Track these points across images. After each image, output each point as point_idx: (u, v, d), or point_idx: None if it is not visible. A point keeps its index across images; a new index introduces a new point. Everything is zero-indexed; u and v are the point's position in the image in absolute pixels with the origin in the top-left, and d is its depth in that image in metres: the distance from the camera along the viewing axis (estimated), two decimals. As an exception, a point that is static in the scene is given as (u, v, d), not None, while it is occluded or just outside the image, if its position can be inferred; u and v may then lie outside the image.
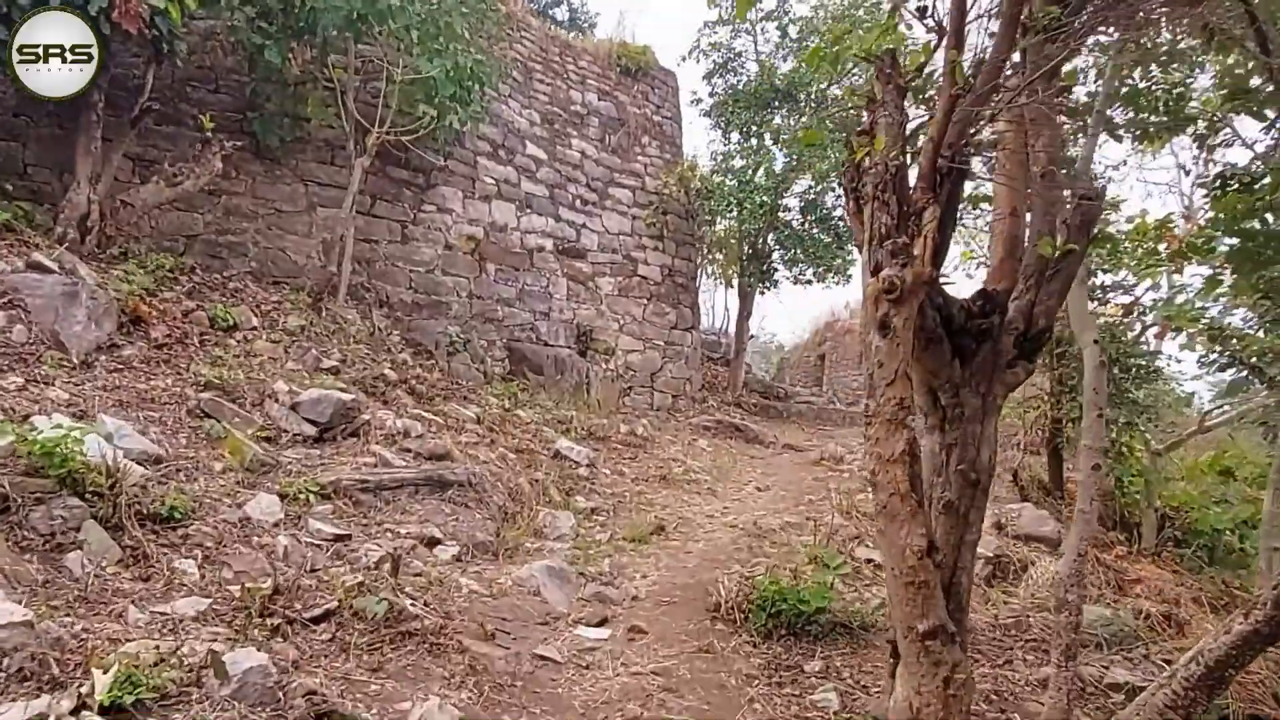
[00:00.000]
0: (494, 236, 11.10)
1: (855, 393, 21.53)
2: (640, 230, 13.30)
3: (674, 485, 7.73)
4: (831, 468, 9.47)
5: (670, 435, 10.72)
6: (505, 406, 8.62)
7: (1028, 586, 6.25)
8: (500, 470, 6.36)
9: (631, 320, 13.03)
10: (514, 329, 11.23)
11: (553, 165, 12.08)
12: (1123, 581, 7.48)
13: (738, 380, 15.07)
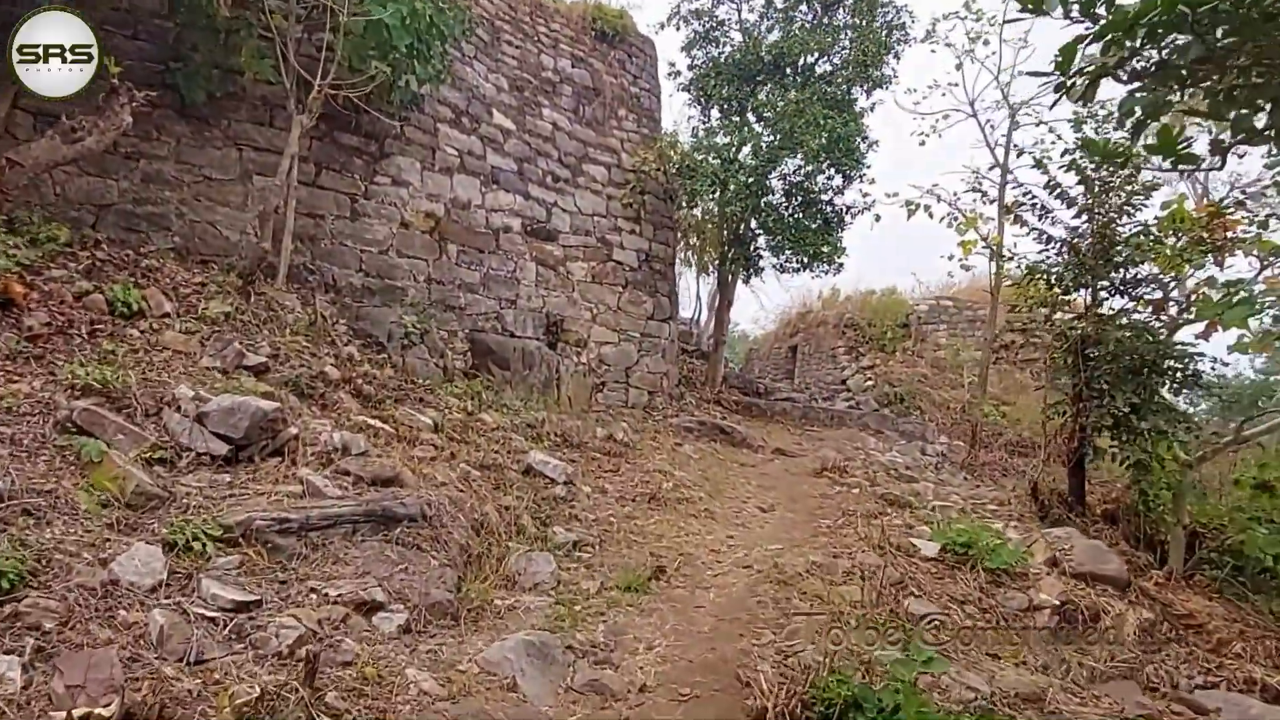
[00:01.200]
0: (456, 214, 9.73)
1: (830, 387, 20.56)
2: (616, 211, 12.00)
3: (665, 506, 6.50)
4: (836, 480, 8.31)
5: (651, 439, 9.48)
6: (468, 409, 7.30)
7: (1104, 645, 5.15)
8: (462, 495, 5.07)
9: (605, 309, 11.75)
10: (477, 318, 9.90)
11: (521, 137, 10.73)
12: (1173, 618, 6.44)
13: (717, 375, 13.88)
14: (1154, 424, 8.72)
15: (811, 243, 12.81)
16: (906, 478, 9.36)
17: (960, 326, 20.13)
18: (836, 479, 8.32)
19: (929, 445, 12.81)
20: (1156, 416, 8.60)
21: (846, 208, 13.50)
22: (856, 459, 9.97)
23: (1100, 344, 8.73)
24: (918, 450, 12.10)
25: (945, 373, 19.42)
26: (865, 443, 11.40)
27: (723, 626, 4.27)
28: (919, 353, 19.93)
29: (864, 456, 10.25)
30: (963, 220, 12.14)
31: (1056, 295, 9.35)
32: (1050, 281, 9.38)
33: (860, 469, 9.20)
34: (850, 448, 10.94)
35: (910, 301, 21.14)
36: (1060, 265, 9.27)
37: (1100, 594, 5.54)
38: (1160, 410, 8.57)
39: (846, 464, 9.04)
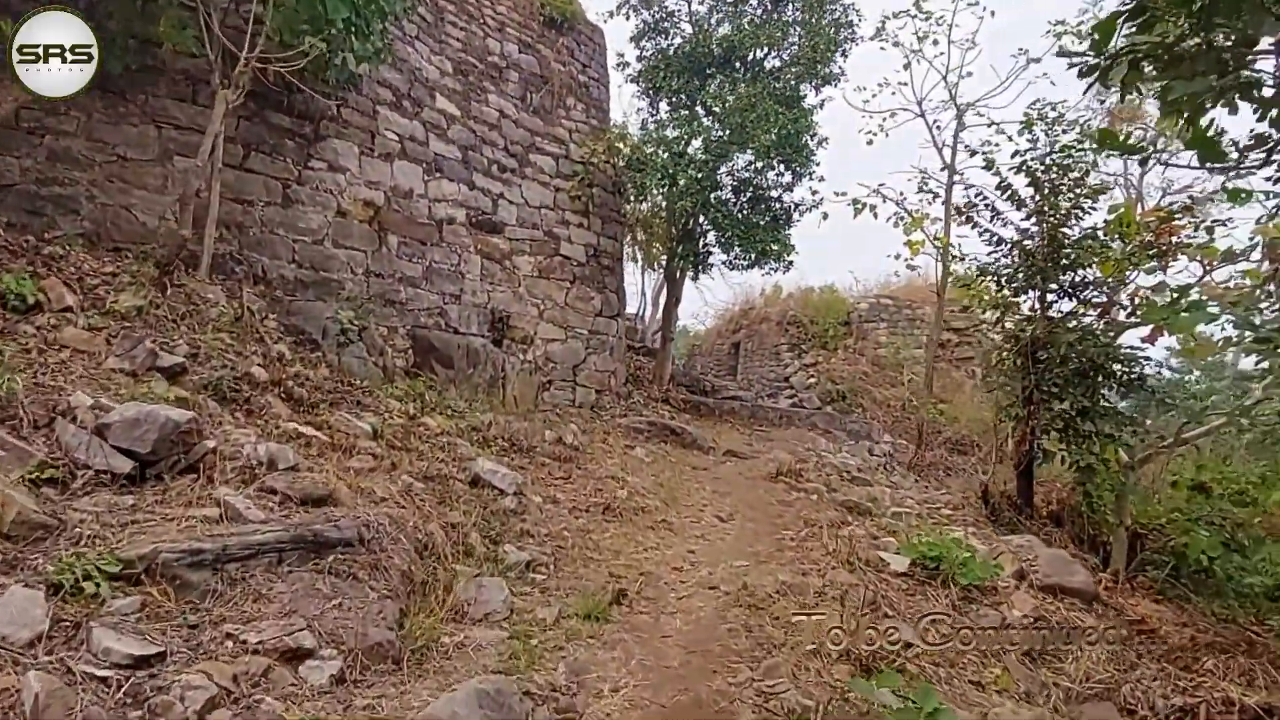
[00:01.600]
0: (397, 203, 9.11)
1: (773, 385, 20.38)
2: (564, 204, 11.48)
3: (621, 517, 6.05)
4: (793, 485, 7.97)
5: (601, 442, 9.02)
6: (410, 412, 6.73)
7: (1077, 661, 4.88)
8: (404, 512, 4.54)
9: (552, 305, 11.23)
10: (419, 314, 9.30)
11: (466, 124, 10.13)
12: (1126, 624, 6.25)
13: (665, 374, 13.47)
14: (1101, 427, 8.62)
15: (761, 239, 12.48)
16: (860, 480, 9.09)
17: (900, 325, 20.14)
18: (793, 484, 7.98)
19: (875, 445, 12.64)
20: (1104, 420, 8.49)
21: (795, 205, 13.22)
22: (809, 461, 9.67)
23: (1051, 346, 8.58)
24: (865, 450, 11.90)
25: (885, 371, 19.42)
26: (815, 443, 11.13)
27: (694, 660, 3.85)
28: (860, 351, 19.89)
29: (816, 458, 9.96)
30: (909, 220, 11.98)
31: (1006, 297, 9.18)
32: (1001, 283, 9.21)
33: (815, 472, 8.89)
34: (802, 449, 10.65)
35: (851, 300, 21.11)
36: (1011, 267, 9.10)
37: (1070, 608, 5.30)
38: (1108, 414, 8.46)
39: (801, 467, 8.72)
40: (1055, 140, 8.82)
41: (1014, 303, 9.07)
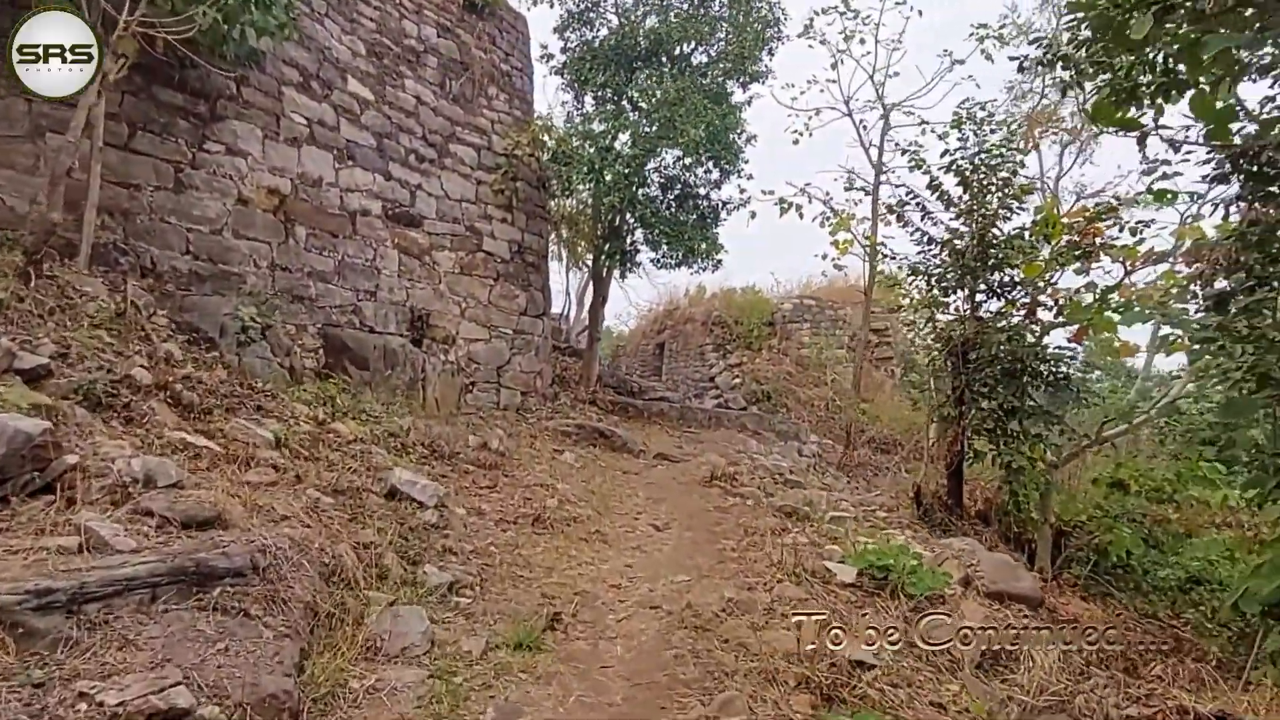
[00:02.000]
0: (305, 192, 8.41)
1: (699, 385, 20.15)
2: (486, 197, 10.92)
3: (552, 529, 5.56)
4: (728, 490, 7.60)
5: (529, 446, 8.50)
6: (319, 417, 6.09)
7: (1029, 672, 4.62)
8: (309, 532, 3.96)
9: (475, 304, 10.66)
10: (331, 311, 8.62)
11: (381, 109, 9.47)
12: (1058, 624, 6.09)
13: (592, 374, 13.00)
14: (1029, 427, 8.55)
15: (690, 238, 12.14)
16: (794, 483, 8.81)
17: (823, 325, 20.16)
18: (728, 488, 7.62)
19: (804, 445, 12.44)
20: (1033, 419, 8.42)
21: (723, 203, 12.95)
22: (742, 463, 9.36)
23: (981, 347, 8.46)
24: (795, 451, 11.68)
25: (809, 371, 19.39)
26: (746, 444, 10.83)
27: (638, 695, 3.40)
28: (784, 351, 19.83)
29: (749, 460, 9.66)
30: (836, 220, 11.81)
31: (936, 296, 9.04)
32: (931, 282, 9.07)
33: (748, 475, 8.57)
34: (733, 450, 10.34)
35: (775, 300, 21.06)
36: (941, 266, 8.96)
37: (1017, 615, 5.05)
38: (1036, 413, 8.38)
39: (734, 470, 8.38)
40: (984, 140, 8.70)
41: (944, 302, 8.93)
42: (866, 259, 11.59)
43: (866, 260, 11.64)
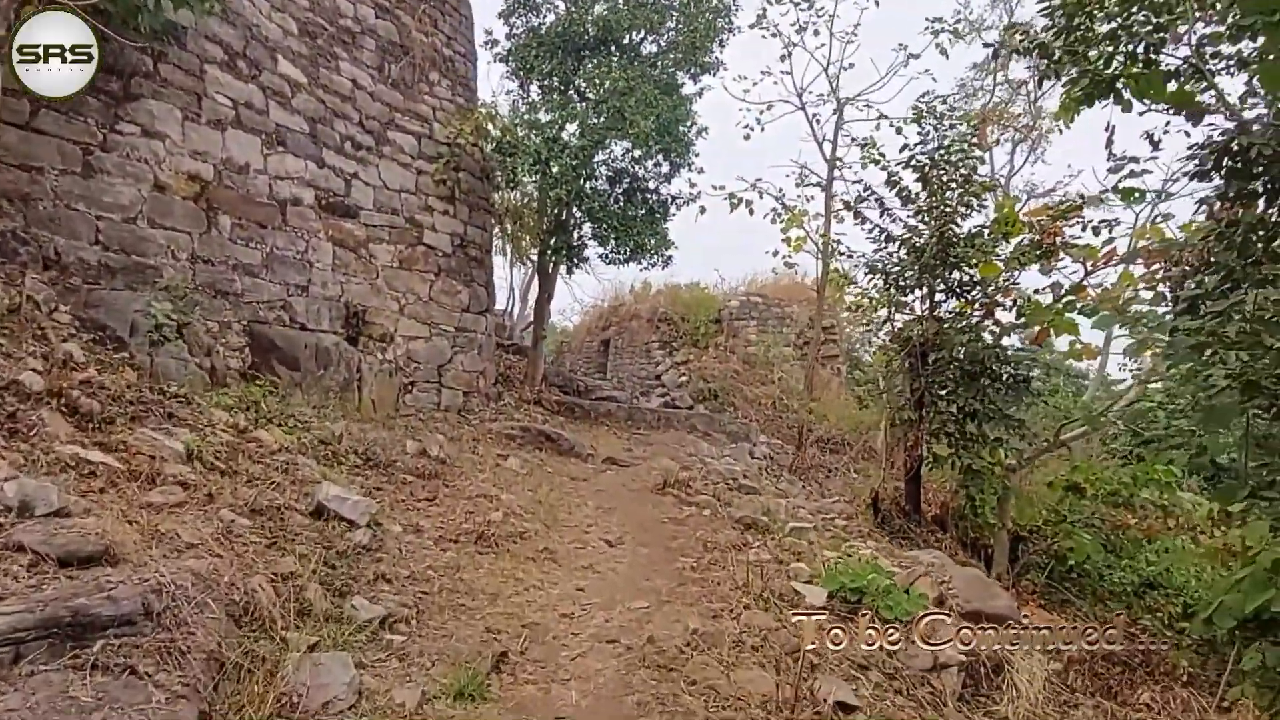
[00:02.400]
0: (231, 179, 7.78)
1: (645, 383, 19.81)
2: (427, 188, 10.36)
3: (497, 547, 5.11)
4: (682, 498, 7.24)
5: (471, 452, 8.02)
6: (240, 425, 5.54)
7: (1014, 702, 4.35)
8: (219, 562, 3.47)
9: (415, 300, 10.10)
10: (259, 307, 8.01)
11: (314, 93, 8.86)
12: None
13: (537, 373, 12.53)
14: (991, 431, 8.38)
15: (639, 232, 11.76)
16: (748, 489, 8.51)
17: (770, 323, 20.00)
18: (682, 497, 7.26)
19: (754, 447, 12.18)
20: (995, 423, 8.24)
21: (672, 198, 12.59)
22: (694, 468, 9.02)
23: (942, 348, 8.25)
24: (746, 454, 11.41)
25: (756, 369, 19.20)
26: (697, 447, 10.51)
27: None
28: (731, 349, 19.62)
29: (701, 465, 9.32)
30: (789, 216, 11.55)
31: (894, 295, 8.83)
32: (889, 281, 8.85)
33: (702, 481, 8.23)
34: (684, 454, 10.00)
35: (722, 297, 20.82)
36: (900, 264, 8.75)
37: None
38: (997, 416, 8.21)
39: (687, 476, 8.04)
40: (943, 136, 8.50)
41: (903, 301, 8.72)
42: (819, 256, 11.36)
43: (819, 257, 11.41)
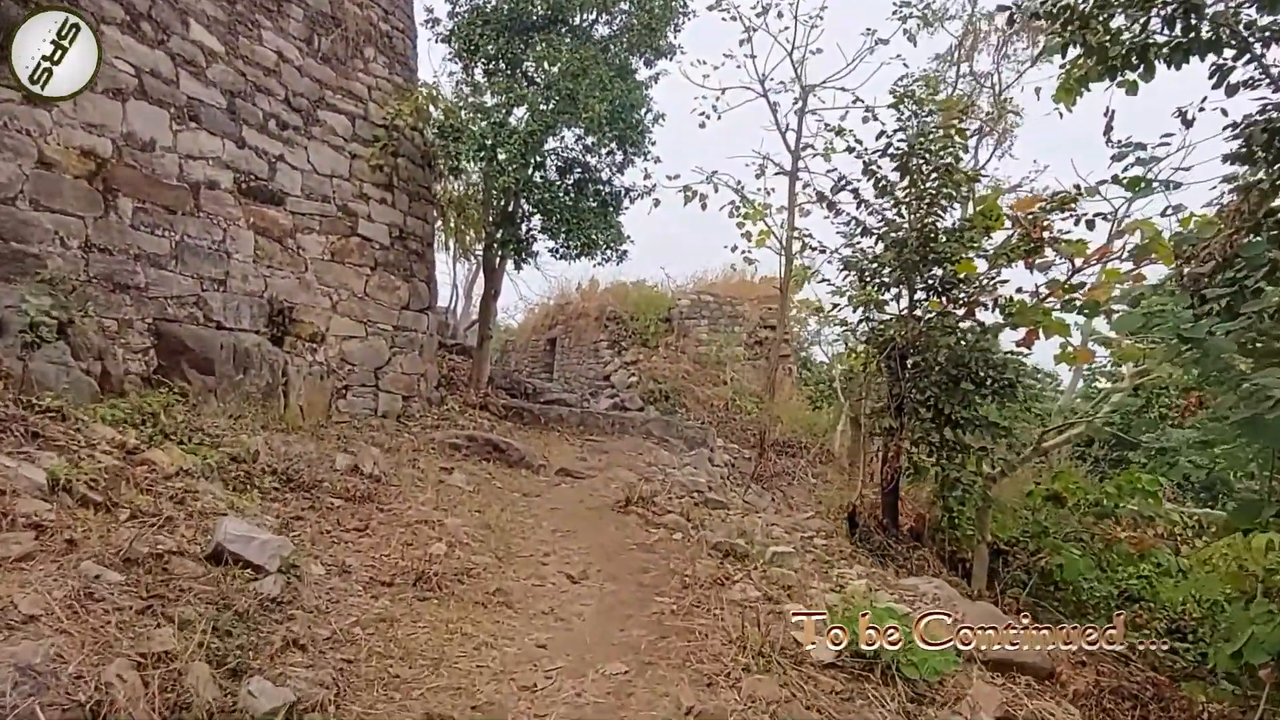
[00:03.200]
0: (133, 157, 6.77)
1: (594, 383, 19.07)
2: (362, 174, 9.42)
3: (440, 590, 4.25)
4: (648, 518, 6.49)
5: (411, 466, 7.14)
6: (130, 443, 4.59)
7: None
8: (65, 644, 2.60)
9: (349, 296, 9.16)
10: (168, 303, 7.01)
11: (233, 64, 7.86)
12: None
13: (482, 375, 11.65)
14: (976, 439, 7.84)
15: (592, 225, 10.98)
16: (715, 503, 7.82)
17: (721, 322, 19.46)
18: (648, 516, 6.51)
19: (714, 453, 11.51)
20: (981, 431, 7.69)
21: (626, 190, 11.83)
22: (655, 480, 8.29)
23: (926, 350, 7.66)
24: (707, 461, 10.73)
25: (707, 369, 18.65)
26: (656, 456, 9.78)
27: None
28: (682, 349, 19.03)
29: (662, 476, 8.60)
30: (750, 210, 10.91)
31: (871, 294, 8.22)
32: (865, 278, 8.24)
33: (666, 494, 7.51)
34: (642, 463, 9.26)
35: (671, 295, 20.21)
36: (877, 261, 8.14)
37: (1028, 691, 4.13)
38: (982, 425, 7.66)
39: (650, 491, 7.29)
40: (924, 122, 7.91)
41: (880, 300, 8.11)
42: (782, 252, 10.74)
43: (782, 253, 10.78)
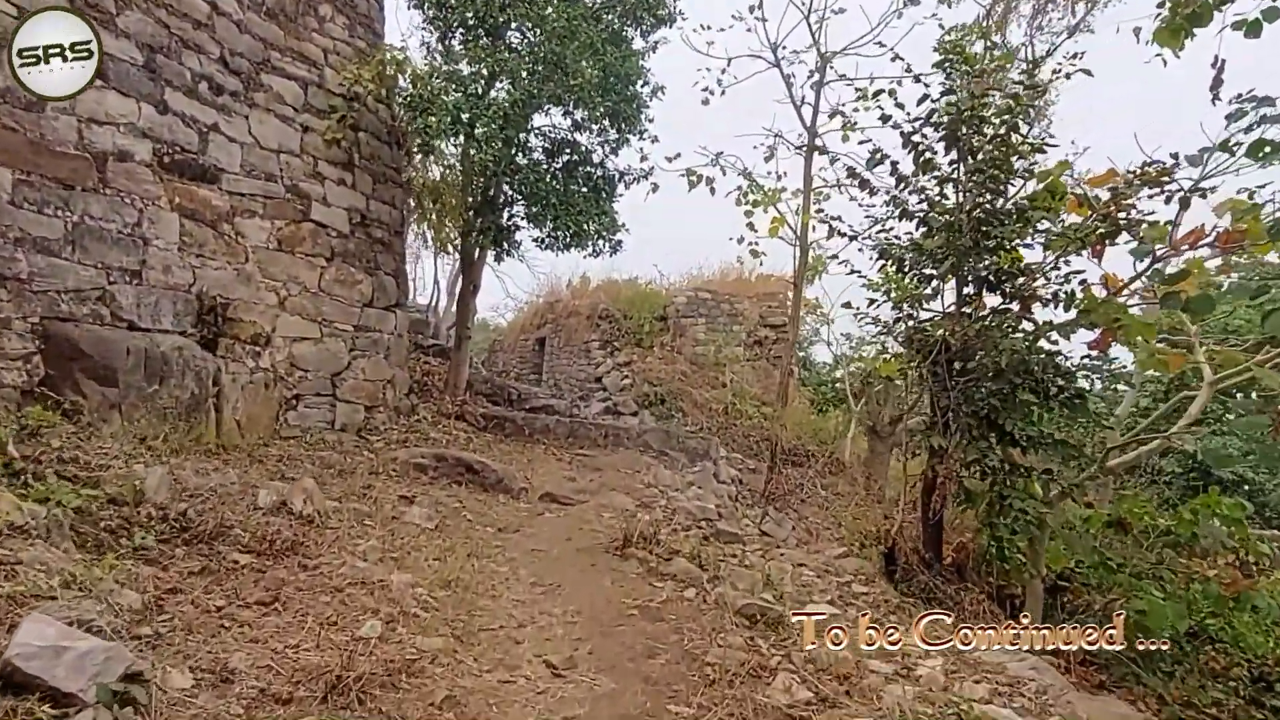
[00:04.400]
0: (13, 117, 5.44)
1: (585, 386, 17.82)
2: (316, 150, 8.08)
3: (363, 708, 2.95)
4: (651, 565, 5.16)
5: (360, 498, 5.80)
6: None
7: None
8: None
9: (301, 291, 7.83)
10: (61, 298, 5.68)
11: (154, 13, 6.52)
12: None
13: (460, 380, 10.32)
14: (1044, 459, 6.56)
15: (583, 212, 9.68)
16: (729, 536, 6.54)
17: (719, 321, 18.21)
18: (651, 563, 5.19)
19: (718, 467, 10.21)
20: (1049, 451, 6.41)
21: (620, 173, 10.54)
22: (657, 506, 7.01)
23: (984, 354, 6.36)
24: (712, 477, 9.43)
25: (705, 370, 17.42)
26: (656, 474, 8.47)
27: None
28: (678, 349, 17.79)
29: (664, 501, 7.30)
30: (761, 195, 9.62)
31: (911, 288, 6.94)
32: (904, 269, 6.96)
33: (670, 528, 6.22)
34: (640, 484, 7.96)
35: (666, 293, 18.98)
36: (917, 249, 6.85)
37: None
38: (1051, 443, 6.38)
39: (651, 523, 5.98)
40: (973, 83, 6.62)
41: (922, 295, 6.82)
42: (796, 242, 9.44)
43: (796, 244, 9.49)
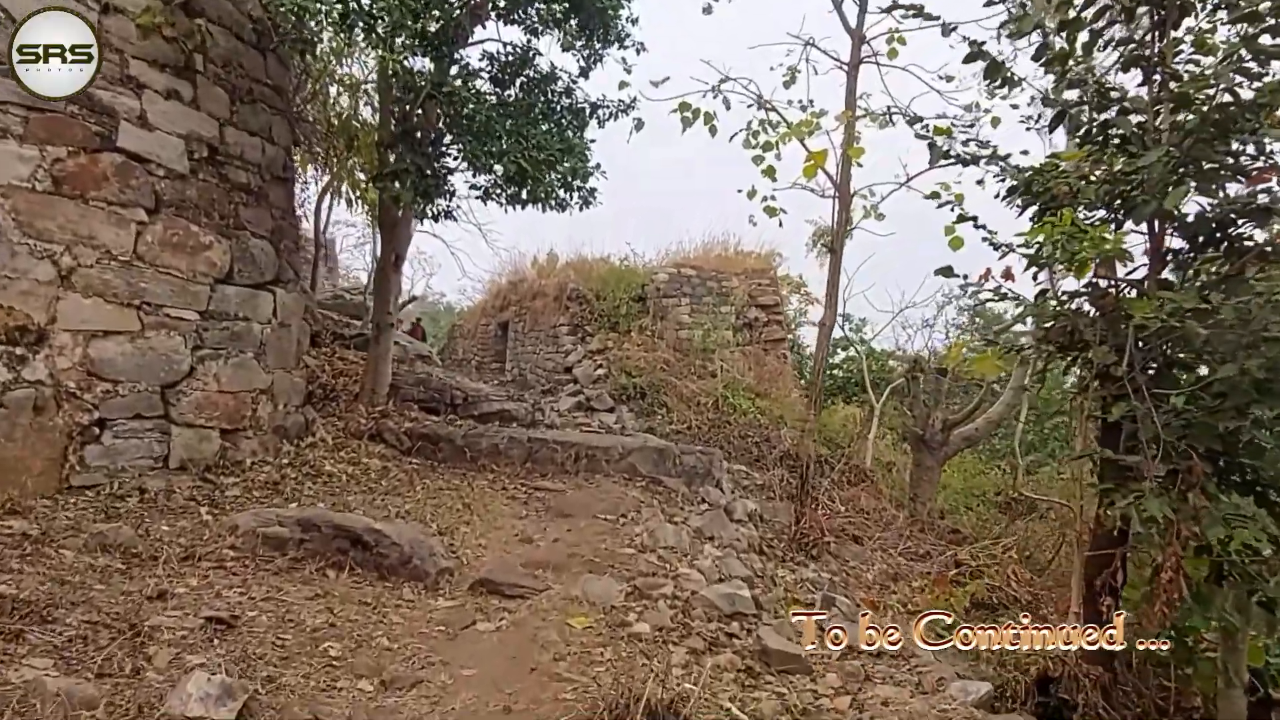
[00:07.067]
0: None
1: (552, 376, 15.16)
2: (127, 38, 5.15)
3: None
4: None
5: (127, 634, 3.00)
6: None
7: None
8: None
9: (103, 258, 4.95)
10: None
11: None
12: None
13: (380, 383, 7.47)
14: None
15: (545, 151, 6.86)
16: (785, 661, 3.80)
17: (705, 301, 15.66)
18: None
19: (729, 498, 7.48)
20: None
21: (593, 104, 7.74)
22: (655, 591, 4.26)
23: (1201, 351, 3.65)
24: (723, 514, 6.67)
25: (690, 358, 14.86)
26: (649, 525, 5.69)
27: None
28: (659, 333, 15.21)
29: (666, 577, 4.56)
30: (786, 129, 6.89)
31: (1078, 241, 4.18)
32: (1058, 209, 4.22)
33: (686, 645, 3.47)
34: (625, 541, 5.20)
35: (645, 270, 16.36)
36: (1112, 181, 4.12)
37: None
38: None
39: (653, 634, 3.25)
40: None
41: (1109, 244, 4.03)
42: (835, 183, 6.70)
43: (835, 193, 6.75)
